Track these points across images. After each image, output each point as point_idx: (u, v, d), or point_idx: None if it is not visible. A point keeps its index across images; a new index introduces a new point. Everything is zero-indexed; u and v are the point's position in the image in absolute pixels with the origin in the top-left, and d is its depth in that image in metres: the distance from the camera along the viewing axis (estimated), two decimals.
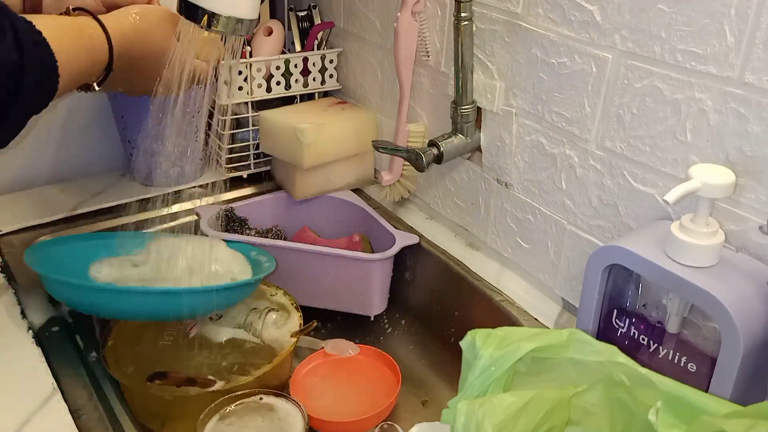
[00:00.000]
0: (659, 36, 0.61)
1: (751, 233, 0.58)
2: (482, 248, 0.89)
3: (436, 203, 0.95)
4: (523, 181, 0.80)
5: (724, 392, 0.53)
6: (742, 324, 0.51)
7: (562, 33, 0.70)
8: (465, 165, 0.88)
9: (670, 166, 0.63)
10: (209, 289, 0.73)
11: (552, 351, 0.53)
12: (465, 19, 0.77)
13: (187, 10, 0.64)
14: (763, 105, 0.55)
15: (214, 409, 0.65)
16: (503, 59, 0.77)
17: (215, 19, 0.63)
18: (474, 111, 0.82)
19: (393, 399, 0.76)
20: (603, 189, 0.70)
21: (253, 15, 0.66)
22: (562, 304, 0.79)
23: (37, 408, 0.62)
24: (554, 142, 0.74)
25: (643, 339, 0.62)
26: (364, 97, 1.05)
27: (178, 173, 1.01)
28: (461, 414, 0.47)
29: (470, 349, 0.53)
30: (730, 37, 0.55)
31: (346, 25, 1.05)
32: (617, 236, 0.70)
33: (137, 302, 0.70)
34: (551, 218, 0.77)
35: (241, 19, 0.64)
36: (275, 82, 1.01)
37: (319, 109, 1.02)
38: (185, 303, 0.70)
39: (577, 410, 0.51)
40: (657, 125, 0.63)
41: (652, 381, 0.48)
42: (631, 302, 0.63)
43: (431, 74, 0.89)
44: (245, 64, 0.97)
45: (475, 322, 0.85)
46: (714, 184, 0.54)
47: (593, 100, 0.68)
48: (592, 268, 0.62)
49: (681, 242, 0.55)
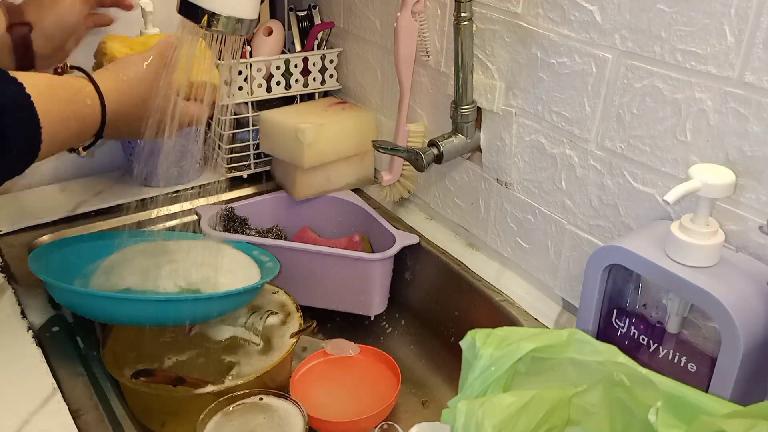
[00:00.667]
0: (659, 36, 0.61)
1: (751, 233, 0.58)
2: (482, 248, 0.89)
3: (436, 203, 0.95)
4: (523, 181, 0.80)
5: (724, 392, 0.53)
6: (742, 324, 0.51)
7: (562, 33, 0.70)
8: (465, 165, 0.88)
9: (670, 166, 0.63)
10: (228, 294, 0.73)
11: (552, 351, 0.53)
12: (465, 19, 0.77)
13: (187, 9, 0.64)
14: (763, 105, 0.55)
15: (214, 410, 0.65)
16: (503, 59, 0.77)
17: (215, 19, 0.63)
18: (474, 111, 0.82)
19: (393, 399, 0.76)
20: (603, 189, 0.70)
21: (253, 15, 0.66)
22: (562, 304, 0.79)
23: (37, 408, 0.62)
24: (554, 142, 0.74)
25: (643, 339, 0.62)
26: (364, 97, 1.05)
27: (178, 173, 1.01)
28: (461, 414, 0.47)
29: (470, 349, 0.53)
30: (730, 37, 0.55)
31: (346, 25, 1.05)
32: (617, 236, 0.70)
33: (144, 309, 0.70)
34: (551, 218, 0.77)
35: (241, 19, 0.64)
36: (275, 82, 1.01)
37: (319, 109, 1.02)
38: (192, 309, 0.70)
39: (577, 410, 0.51)
40: (657, 125, 0.63)
41: (652, 381, 0.48)
42: (631, 302, 0.63)
43: (431, 74, 0.89)
44: (245, 64, 0.97)
45: (475, 322, 0.85)
46: (714, 184, 0.54)
47: (593, 100, 0.68)
48: (592, 268, 0.62)
49: (681, 242, 0.55)
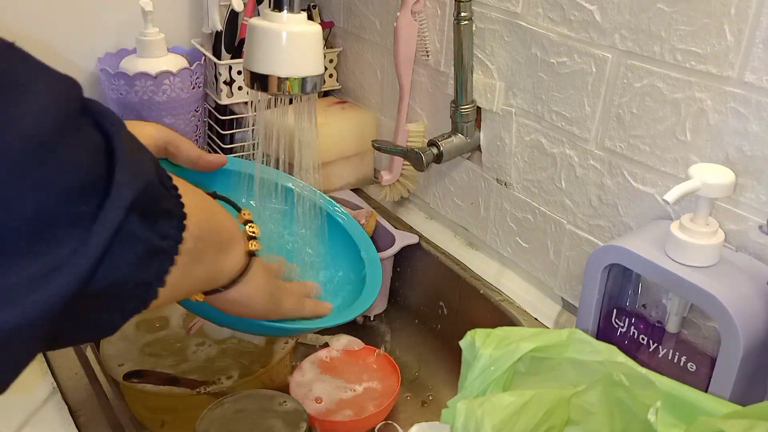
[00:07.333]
0: (659, 35, 0.61)
1: (751, 233, 0.58)
2: (482, 248, 0.89)
3: (436, 203, 0.95)
4: (522, 181, 0.80)
5: (723, 392, 0.53)
6: (742, 324, 0.51)
7: (562, 32, 0.70)
8: (465, 165, 0.88)
9: (669, 166, 0.63)
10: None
11: (552, 351, 0.53)
12: (465, 18, 0.77)
13: (259, 81, 0.63)
14: (762, 104, 0.54)
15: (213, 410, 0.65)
16: (503, 59, 0.77)
17: (286, 84, 0.62)
18: (474, 111, 0.82)
19: (393, 399, 0.76)
20: (603, 189, 0.70)
21: (321, 70, 0.65)
22: (562, 304, 0.79)
23: (37, 408, 0.62)
24: (554, 142, 0.74)
25: (642, 339, 0.62)
26: (364, 96, 1.05)
27: None
28: (461, 414, 0.47)
29: (470, 349, 0.53)
30: (729, 36, 0.55)
31: (346, 25, 1.05)
32: (617, 236, 0.70)
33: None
34: (551, 218, 0.77)
35: (311, 77, 0.64)
36: None
37: (319, 109, 1.02)
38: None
39: (577, 410, 0.51)
40: (657, 125, 0.63)
41: (651, 381, 0.48)
42: (630, 302, 0.63)
43: (431, 74, 0.89)
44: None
45: (474, 321, 0.85)
46: (714, 184, 0.54)
47: (593, 99, 0.68)
48: (592, 267, 0.62)
49: (681, 242, 0.55)
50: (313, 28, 0.64)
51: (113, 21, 1.01)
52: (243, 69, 0.65)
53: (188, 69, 0.96)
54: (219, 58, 0.99)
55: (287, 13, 0.62)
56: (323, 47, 1.05)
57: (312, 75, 0.64)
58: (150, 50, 0.96)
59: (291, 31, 0.61)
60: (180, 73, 0.95)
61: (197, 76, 0.98)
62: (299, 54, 0.63)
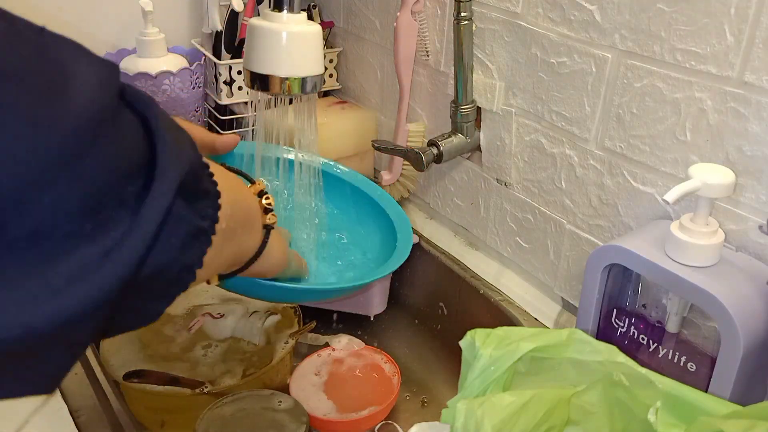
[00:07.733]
0: (659, 35, 0.61)
1: (751, 233, 0.58)
2: (482, 248, 0.89)
3: (436, 203, 0.95)
4: (522, 181, 0.80)
5: (723, 392, 0.53)
6: (742, 324, 0.51)
7: (562, 32, 0.70)
8: (465, 165, 0.88)
9: (669, 166, 0.63)
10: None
11: (552, 351, 0.53)
12: (465, 18, 0.77)
13: (259, 81, 0.63)
14: (762, 104, 0.54)
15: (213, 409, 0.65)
16: (503, 59, 0.77)
17: (287, 84, 0.63)
18: (474, 110, 0.82)
19: (393, 399, 0.76)
20: (603, 188, 0.70)
21: (321, 69, 0.65)
22: (562, 304, 0.79)
23: (37, 408, 0.62)
24: (554, 142, 0.74)
25: (642, 339, 0.62)
26: (363, 96, 1.05)
27: None
28: (461, 414, 0.47)
29: (470, 349, 0.53)
30: (729, 36, 0.55)
31: (346, 25, 1.05)
32: (617, 236, 0.70)
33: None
34: (551, 218, 0.77)
35: (311, 77, 0.64)
36: None
37: (319, 109, 1.02)
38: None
39: (577, 410, 0.51)
40: (657, 125, 0.63)
41: (651, 381, 0.48)
42: (630, 302, 0.63)
43: (431, 74, 0.89)
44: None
45: (474, 321, 0.85)
46: (714, 184, 0.54)
47: (593, 99, 0.68)
48: (592, 267, 0.62)
49: (681, 242, 0.55)
50: (313, 28, 0.64)
51: (113, 21, 1.01)
52: (243, 69, 0.65)
53: (188, 69, 0.96)
54: (219, 58, 0.99)
55: (287, 13, 0.62)
56: (323, 47, 1.05)
57: (312, 75, 0.64)
58: (150, 50, 0.96)
59: (291, 31, 0.61)
60: (180, 73, 0.95)
61: (197, 76, 0.98)
62: (299, 54, 0.63)
